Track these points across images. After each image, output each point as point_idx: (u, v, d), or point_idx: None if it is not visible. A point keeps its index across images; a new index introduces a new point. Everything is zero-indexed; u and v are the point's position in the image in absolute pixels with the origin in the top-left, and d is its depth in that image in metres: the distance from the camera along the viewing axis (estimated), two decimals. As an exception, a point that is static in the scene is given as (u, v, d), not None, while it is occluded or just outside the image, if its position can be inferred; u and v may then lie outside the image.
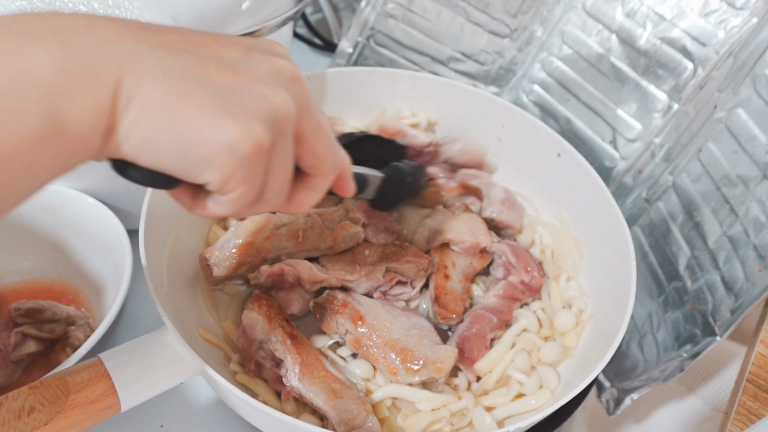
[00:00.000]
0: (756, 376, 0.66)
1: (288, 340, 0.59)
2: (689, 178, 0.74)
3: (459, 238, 0.71)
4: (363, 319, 0.62)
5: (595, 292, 0.71)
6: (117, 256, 0.69)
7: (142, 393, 0.51)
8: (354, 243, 0.68)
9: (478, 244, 0.71)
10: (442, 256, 0.71)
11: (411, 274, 0.67)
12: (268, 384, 0.60)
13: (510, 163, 0.83)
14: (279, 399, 0.60)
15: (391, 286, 0.67)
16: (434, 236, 0.72)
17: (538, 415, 0.55)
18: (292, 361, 0.58)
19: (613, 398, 0.71)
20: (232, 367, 0.61)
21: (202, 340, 0.62)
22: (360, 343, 0.61)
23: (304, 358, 0.58)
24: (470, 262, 0.72)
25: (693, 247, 0.71)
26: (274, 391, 0.60)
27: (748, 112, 0.69)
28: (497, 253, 0.73)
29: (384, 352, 0.61)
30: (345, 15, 1.23)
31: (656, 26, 0.78)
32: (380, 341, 0.61)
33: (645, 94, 0.80)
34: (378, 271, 0.65)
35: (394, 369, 0.60)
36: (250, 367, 0.60)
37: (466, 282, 0.71)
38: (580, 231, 0.76)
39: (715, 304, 0.66)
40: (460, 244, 0.71)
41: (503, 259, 0.72)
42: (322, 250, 0.67)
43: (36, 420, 0.45)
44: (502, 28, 0.90)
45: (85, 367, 0.49)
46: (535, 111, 0.91)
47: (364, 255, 0.67)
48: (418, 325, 0.63)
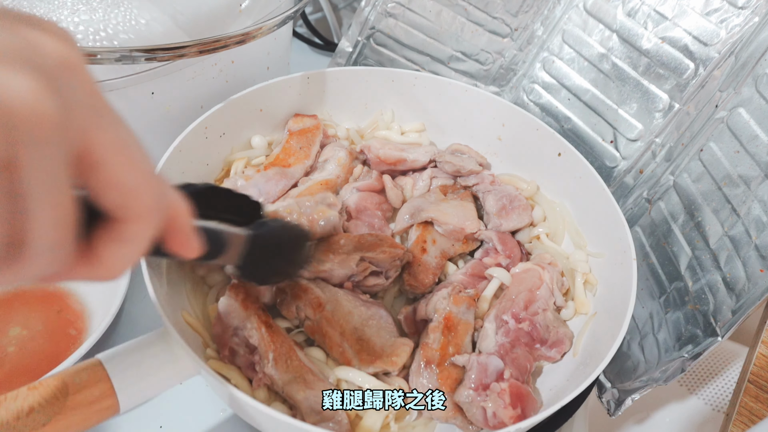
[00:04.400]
0: (757, 377, 0.66)
1: (263, 328, 0.59)
2: (690, 178, 0.74)
3: (443, 219, 0.72)
4: (322, 306, 0.62)
5: (596, 292, 0.71)
6: (116, 256, 0.69)
7: (141, 394, 0.51)
8: (330, 228, 0.67)
9: (462, 230, 0.73)
10: (424, 231, 0.72)
11: (386, 264, 0.67)
12: (241, 371, 0.60)
13: (510, 162, 0.83)
14: (251, 386, 0.60)
15: (365, 277, 0.67)
16: (418, 212, 0.73)
17: (539, 415, 0.55)
18: (266, 348, 0.58)
19: (614, 399, 0.70)
20: (207, 352, 0.61)
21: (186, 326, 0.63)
22: (316, 330, 0.62)
23: (278, 347, 0.58)
24: (452, 244, 0.73)
25: (694, 248, 0.71)
26: (247, 378, 0.60)
27: (750, 112, 0.68)
28: (485, 240, 0.74)
29: (339, 340, 0.61)
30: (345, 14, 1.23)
31: (657, 25, 0.78)
32: (337, 330, 0.61)
33: (646, 93, 0.80)
34: (351, 260, 0.65)
35: (349, 359, 0.60)
36: (224, 353, 0.60)
37: (442, 259, 0.72)
38: (581, 230, 0.76)
39: (717, 304, 0.66)
40: (443, 225, 0.72)
41: (490, 245, 0.73)
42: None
43: (35, 420, 0.45)
44: (502, 27, 0.89)
45: (84, 368, 0.49)
46: (535, 110, 0.90)
47: (339, 244, 0.67)
48: (376, 317, 0.63)
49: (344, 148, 0.80)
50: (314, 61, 1.21)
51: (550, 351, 0.64)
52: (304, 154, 0.78)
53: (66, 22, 0.59)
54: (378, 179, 0.79)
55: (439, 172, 0.81)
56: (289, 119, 0.82)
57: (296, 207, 0.67)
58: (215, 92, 0.74)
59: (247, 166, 0.78)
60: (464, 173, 0.79)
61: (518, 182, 0.80)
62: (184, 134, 0.69)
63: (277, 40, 0.82)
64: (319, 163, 0.79)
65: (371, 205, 0.76)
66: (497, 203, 0.76)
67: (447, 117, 0.85)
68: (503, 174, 0.82)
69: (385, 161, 0.79)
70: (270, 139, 0.82)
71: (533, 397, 0.59)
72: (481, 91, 0.82)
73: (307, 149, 0.79)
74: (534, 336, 0.63)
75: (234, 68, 0.75)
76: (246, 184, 0.72)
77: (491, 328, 0.64)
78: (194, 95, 0.72)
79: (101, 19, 0.61)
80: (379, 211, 0.76)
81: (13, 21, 0.26)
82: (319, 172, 0.78)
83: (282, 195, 0.73)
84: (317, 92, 0.83)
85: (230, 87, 0.76)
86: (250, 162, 0.78)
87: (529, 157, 0.81)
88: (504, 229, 0.75)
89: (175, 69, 0.67)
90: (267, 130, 0.82)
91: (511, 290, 0.68)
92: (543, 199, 0.79)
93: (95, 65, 0.59)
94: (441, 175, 0.80)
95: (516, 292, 0.67)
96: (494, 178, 0.80)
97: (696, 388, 0.78)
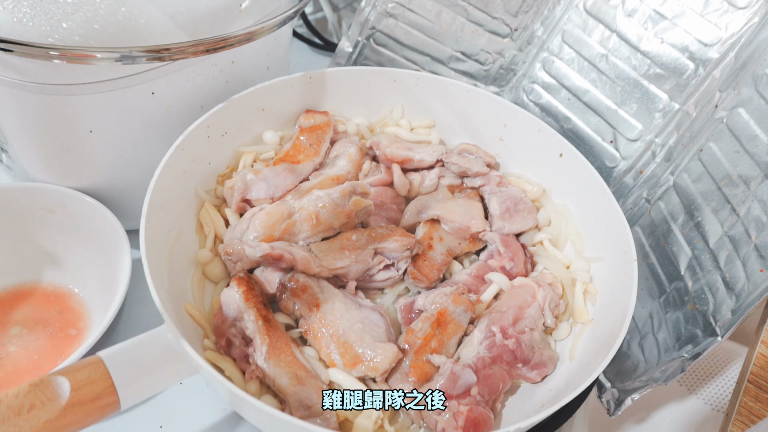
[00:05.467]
0: (757, 377, 0.66)
1: (260, 321, 0.59)
2: (690, 178, 0.74)
3: (449, 217, 0.72)
4: (319, 306, 0.63)
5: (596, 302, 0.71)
6: (117, 256, 0.69)
7: (142, 391, 0.51)
8: (366, 217, 0.70)
9: (468, 228, 0.73)
10: (431, 229, 0.73)
11: (398, 253, 0.68)
12: (236, 363, 0.61)
13: (512, 163, 0.83)
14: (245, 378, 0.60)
15: (379, 270, 0.68)
16: (425, 209, 0.74)
17: (539, 415, 0.55)
18: (260, 341, 0.59)
19: (614, 398, 0.70)
20: (205, 343, 0.62)
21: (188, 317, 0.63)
22: (309, 329, 0.62)
23: (273, 341, 0.59)
24: (458, 243, 0.73)
25: (694, 247, 0.71)
26: (240, 370, 0.60)
27: (750, 112, 0.69)
28: (489, 241, 0.74)
29: (327, 343, 0.61)
30: (345, 14, 1.23)
31: (657, 26, 0.78)
32: (326, 332, 0.61)
33: (646, 93, 0.80)
34: (367, 253, 0.66)
35: (334, 361, 0.60)
36: (221, 344, 0.61)
37: (448, 256, 0.72)
38: (582, 231, 0.76)
39: (716, 304, 0.66)
40: (449, 223, 0.72)
41: (493, 247, 0.73)
42: (337, 228, 0.69)
43: (36, 417, 0.45)
44: (502, 27, 0.90)
45: (85, 365, 0.49)
46: (535, 111, 0.91)
47: (352, 240, 0.68)
48: (366, 320, 0.63)
49: (355, 144, 0.80)
50: (314, 61, 1.21)
51: (530, 372, 0.63)
52: (313, 151, 0.78)
53: (66, 22, 0.59)
54: (387, 172, 0.79)
55: (446, 171, 0.80)
56: (300, 115, 0.82)
57: (328, 199, 0.68)
58: (215, 92, 0.74)
59: (256, 160, 0.78)
60: (471, 174, 0.79)
61: (525, 184, 0.80)
62: (186, 133, 0.69)
63: (277, 40, 0.82)
64: (330, 159, 0.80)
65: (387, 199, 0.77)
66: (501, 206, 0.76)
67: (449, 117, 0.85)
68: (510, 174, 0.82)
69: (392, 160, 0.79)
70: (282, 134, 0.82)
71: (491, 424, 0.58)
72: (483, 91, 0.82)
73: (316, 146, 0.79)
74: (517, 355, 0.63)
75: (234, 68, 0.75)
76: (255, 178, 0.72)
77: (478, 337, 0.64)
78: (194, 95, 0.72)
79: (101, 19, 0.61)
80: (394, 204, 0.77)
81: None
82: (330, 167, 0.78)
83: (291, 189, 0.74)
84: (319, 92, 0.83)
85: (230, 87, 0.76)
86: (259, 157, 0.79)
87: (532, 157, 0.81)
88: (507, 231, 0.75)
89: (175, 69, 0.68)
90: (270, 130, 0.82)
91: (502, 303, 0.67)
92: (548, 201, 0.79)
93: (95, 65, 0.59)
94: (449, 174, 0.80)
95: (507, 305, 0.66)
96: (501, 179, 0.80)
97: (696, 388, 0.78)
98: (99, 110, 0.65)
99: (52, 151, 0.69)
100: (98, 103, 0.64)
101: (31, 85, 0.61)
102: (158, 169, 0.65)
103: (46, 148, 0.69)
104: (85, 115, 0.65)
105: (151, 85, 0.67)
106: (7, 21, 0.58)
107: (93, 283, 0.74)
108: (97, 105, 0.64)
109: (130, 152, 0.71)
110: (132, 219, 0.68)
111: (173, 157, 0.67)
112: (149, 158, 0.68)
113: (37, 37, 0.58)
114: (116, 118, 0.67)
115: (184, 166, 0.70)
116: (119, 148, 0.70)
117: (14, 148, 0.70)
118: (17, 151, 0.70)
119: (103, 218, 0.71)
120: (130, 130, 0.69)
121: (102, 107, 0.65)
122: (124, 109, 0.67)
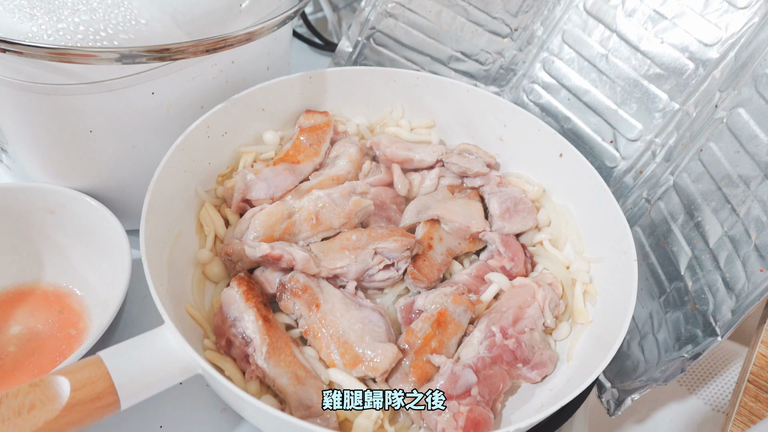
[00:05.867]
0: (757, 377, 0.66)
1: (260, 321, 0.60)
2: (690, 178, 0.74)
3: (449, 217, 0.72)
4: (319, 306, 0.63)
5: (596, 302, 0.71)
6: (117, 256, 0.69)
7: (142, 391, 0.51)
8: (366, 217, 0.70)
9: (468, 228, 0.73)
10: (431, 229, 0.73)
11: (397, 253, 0.68)
12: (236, 363, 0.61)
13: (512, 163, 0.83)
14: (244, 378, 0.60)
15: (378, 270, 0.68)
16: (425, 209, 0.73)
17: (539, 415, 0.55)
18: (260, 341, 0.59)
19: (614, 399, 0.70)
20: (205, 343, 0.62)
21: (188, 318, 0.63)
22: (309, 329, 0.62)
23: (273, 341, 0.59)
24: (458, 243, 0.73)
25: (694, 247, 0.71)
26: (240, 370, 0.60)
27: (749, 112, 0.69)
28: (489, 241, 0.74)
29: (327, 343, 0.61)
30: (345, 14, 1.23)
31: (657, 25, 0.78)
32: (326, 332, 0.61)
33: (646, 93, 0.80)
34: (367, 253, 0.66)
35: (334, 361, 0.60)
36: (221, 344, 0.61)
37: (448, 256, 0.72)
38: (582, 231, 0.76)
39: (716, 304, 0.66)
40: (449, 223, 0.72)
41: (493, 247, 0.73)
42: (337, 228, 0.69)
43: (36, 417, 0.45)
44: (502, 27, 0.90)
45: (85, 365, 0.49)
46: (535, 111, 0.91)
47: (352, 240, 0.68)
48: (366, 320, 0.63)
49: (355, 144, 0.80)
50: (314, 61, 1.21)
51: (530, 372, 0.63)
52: (313, 151, 0.78)
53: (66, 22, 0.59)
54: (387, 172, 0.79)
55: (446, 171, 0.81)
56: (300, 115, 0.82)
57: (328, 199, 0.68)
58: (215, 92, 0.74)
59: (256, 160, 0.78)
60: (470, 175, 0.79)
61: (525, 184, 0.80)
62: (186, 133, 0.69)
63: (277, 40, 0.82)
64: (330, 159, 0.80)
65: (387, 199, 0.77)
66: (501, 206, 0.76)
67: (449, 117, 0.85)
68: (510, 174, 0.82)
69: (392, 160, 0.79)
70: (282, 134, 0.82)
71: (491, 424, 0.59)
72: (483, 91, 0.82)
73: (316, 146, 0.79)
74: (517, 355, 0.63)
75: (234, 68, 0.75)
76: (255, 178, 0.73)
77: (478, 337, 0.64)
78: (194, 95, 0.72)
79: (101, 19, 0.61)
80: (394, 204, 0.77)
81: None
82: (330, 167, 0.78)
83: (291, 189, 0.74)
84: (319, 92, 0.83)
85: (230, 87, 0.76)
86: (259, 157, 0.79)
87: (531, 157, 0.81)
88: (507, 231, 0.75)
89: (175, 69, 0.68)
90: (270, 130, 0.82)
91: (502, 303, 0.67)
92: (548, 201, 0.79)
93: (95, 65, 0.59)
94: (449, 174, 0.80)
95: (507, 305, 0.66)
96: (501, 179, 0.80)
97: (696, 388, 0.78)
98: (99, 110, 0.65)
99: (52, 151, 0.69)
100: (98, 103, 0.64)
101: (31, 85, 0.61)
102: (158, 169, 0.65)
103: (46, 148, 0.69)
104: (85, 115, 0.65)
105: (151, 85, 0.67)
106: (7, 21, 0.58)
107: (93, 283, 0.74)
108: (97, 105, 0.64)
109: (130, 152, 0.71)
110: (132, 219, 0.68)
111: (173, 157, 0.67)
112: (149, 158, 0.68)
113: (37, 38, 0.58)
114: (116, 118, 0.67)
115: (184, 166, 0.70)
116: (119, 148, 0.70)
117: (14, 148, 0.70)
118: (17, 151, 0.70)
119: (103, 218, 0.71)
120: (130, 130, 0.69)
121: (102, 107, 0.65)
122: (124, 109, 0.67)
